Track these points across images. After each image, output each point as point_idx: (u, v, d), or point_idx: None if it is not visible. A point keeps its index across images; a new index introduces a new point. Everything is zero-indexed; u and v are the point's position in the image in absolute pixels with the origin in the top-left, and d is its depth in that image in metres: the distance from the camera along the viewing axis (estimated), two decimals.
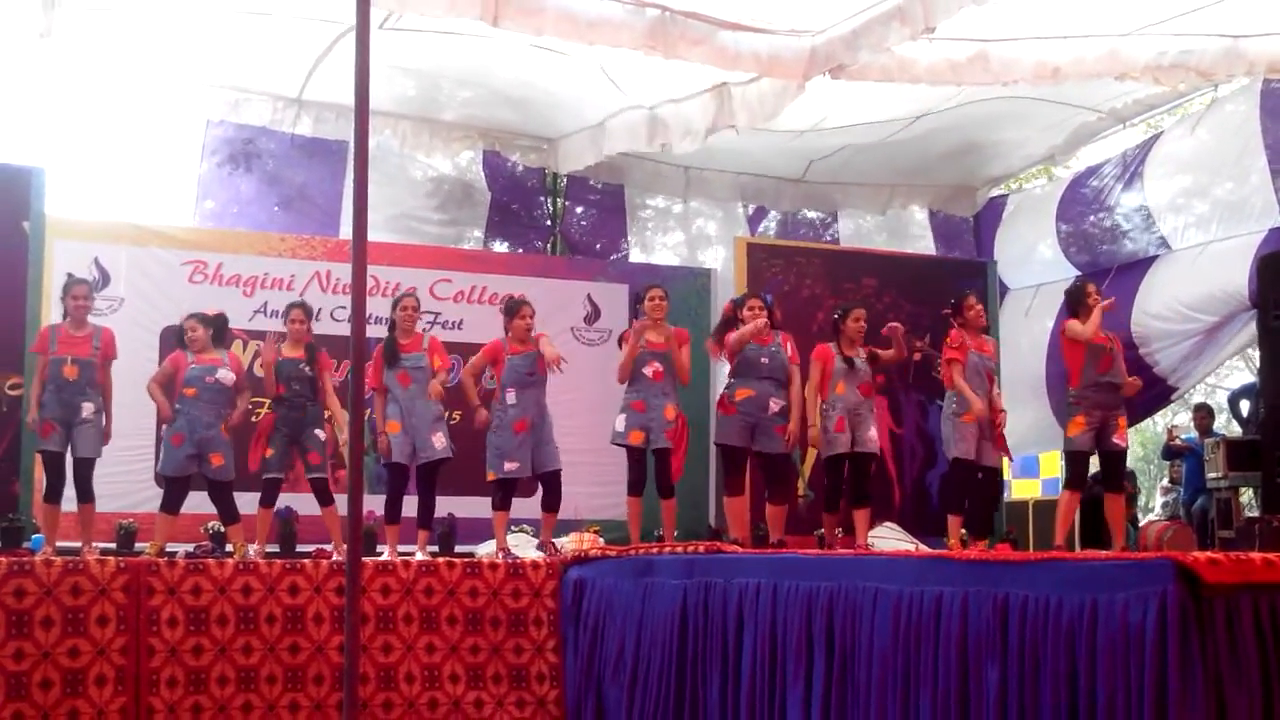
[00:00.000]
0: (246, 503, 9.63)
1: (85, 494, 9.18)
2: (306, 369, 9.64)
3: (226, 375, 9.42)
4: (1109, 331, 9.45)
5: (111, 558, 8.27)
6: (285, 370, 9.63)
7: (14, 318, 10.52)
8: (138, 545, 9.63)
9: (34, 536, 9.90)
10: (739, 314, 9.63)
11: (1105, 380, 9.19)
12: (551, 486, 9.73)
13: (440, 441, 9.68)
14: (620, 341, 10.07)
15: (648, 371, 9.69)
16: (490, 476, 9.69)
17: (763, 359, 9.51)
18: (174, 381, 9.47)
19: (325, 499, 9.66)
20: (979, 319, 9.67)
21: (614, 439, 9.83)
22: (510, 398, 9.65)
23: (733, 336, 9.47)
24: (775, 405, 9.42)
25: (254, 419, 10.19)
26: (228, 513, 9.44)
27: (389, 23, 9.49)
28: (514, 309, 9.86)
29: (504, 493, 9.67)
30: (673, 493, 9.67)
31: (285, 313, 9.95)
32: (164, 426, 9.59)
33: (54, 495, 9.15)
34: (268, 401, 9.86)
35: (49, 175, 11.19)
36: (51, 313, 11.15)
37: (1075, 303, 9.42)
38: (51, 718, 7.56)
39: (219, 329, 9.65)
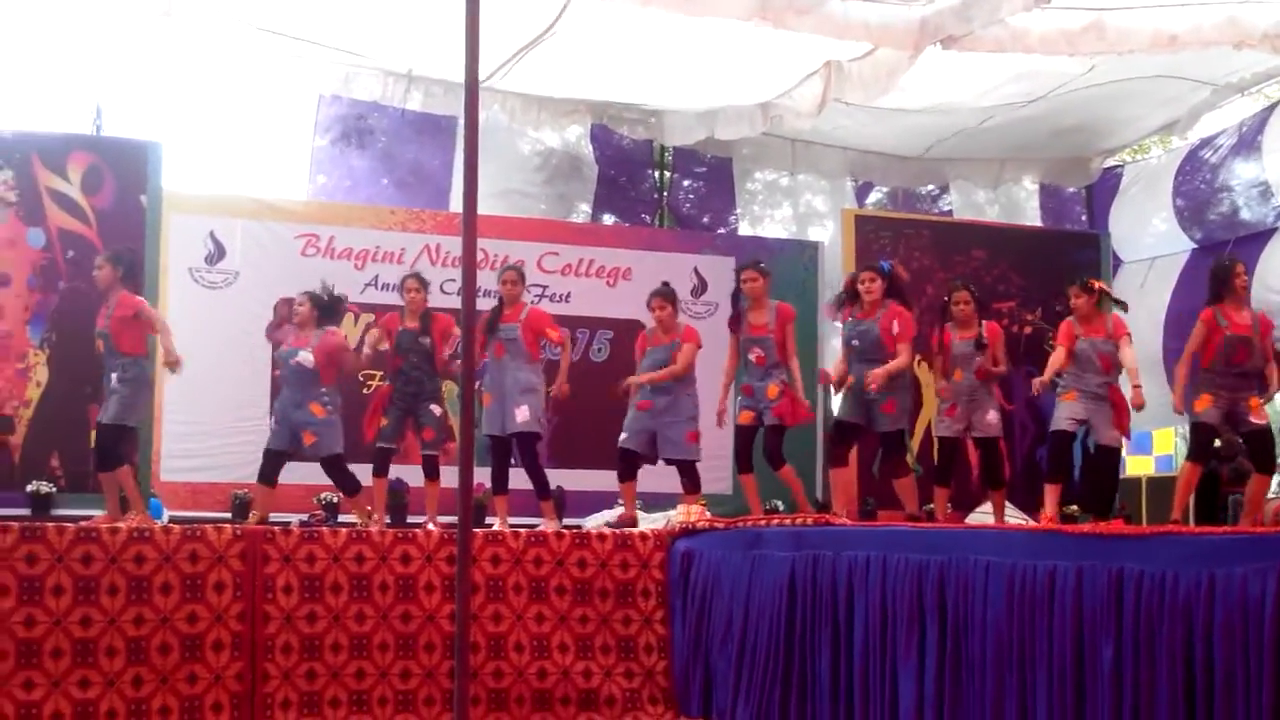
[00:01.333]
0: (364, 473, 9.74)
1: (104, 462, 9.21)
2: (425, 340, 9.67)
3: (306, 358, 9.40)
4: (1256, 312, 9.13)
5: (228, 525, 8.41)
6: (402, 342, 9.67)
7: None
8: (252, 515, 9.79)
9: (152, 501, 10.11)
10: (856, 286, 9.62)
11: (1238, 370, 8.88)
12: (683, 471, 9.78)
13: (522, 415, 9.62)
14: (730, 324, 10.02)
15: (751, 356, 9.71)
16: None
17: (854, 340, 9.55)
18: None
19: (432, 474, 9.70)
20: (1085, 307, 9.34)
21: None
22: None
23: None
24: (875, 386, 9.35)
25: (365, 390, 10.32)
26: (343, 485, 9.55)
27: None
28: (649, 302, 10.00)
29: (626, 464, 9.76)
30: (783, 461, 9.63)
31: (400, 284, 9.99)
32: None
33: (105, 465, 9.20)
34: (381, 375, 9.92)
35: (166, 150, 11.37)
36: (170, 286, 11.40)
37: (1220, 284, 9.04)
38: (170, 681, 7.72)
39: (326, 308, 9.66)
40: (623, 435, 9.76)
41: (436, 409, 9.71)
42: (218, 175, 14.05)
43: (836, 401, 10.37)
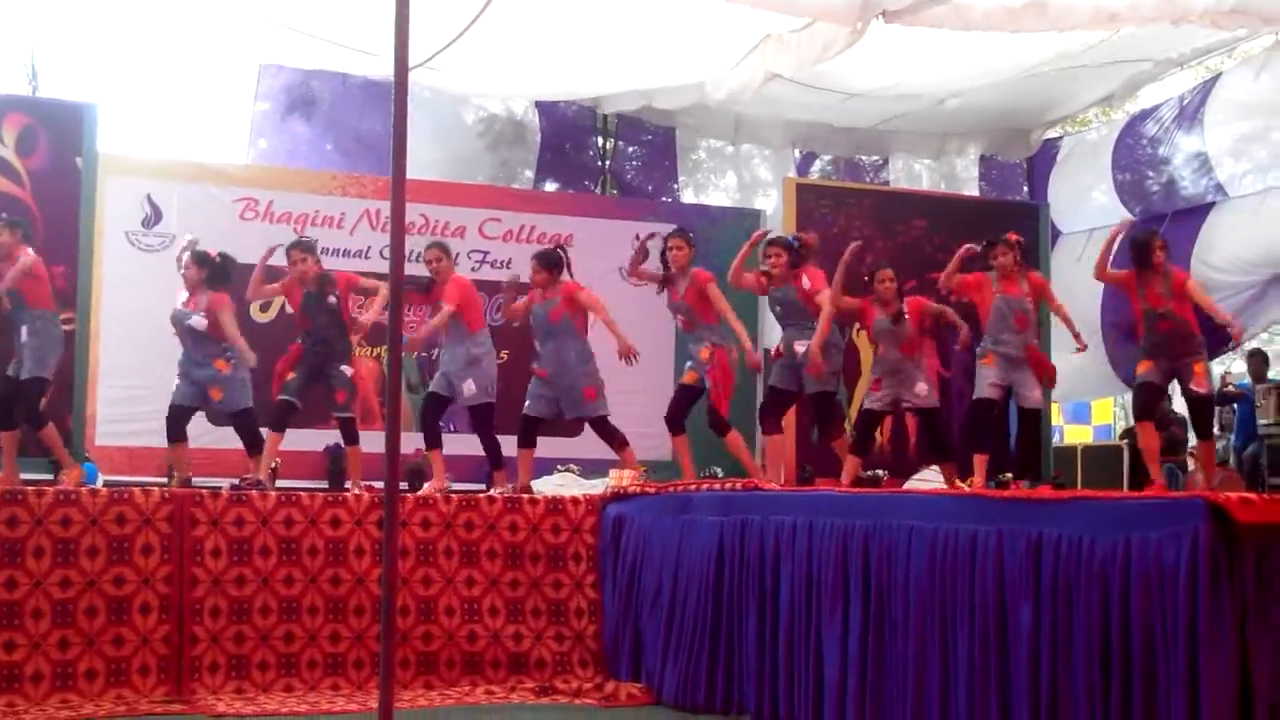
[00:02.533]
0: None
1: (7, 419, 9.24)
2: (331, 300, 9.56)
3: (198, 322, 9.33)
4: (1167, 282, 8.92)
5: (156, 488, 8.34)
6: (307, 305, 9.58)
7: (68, 254, 10.60)
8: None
9: (86, 464, 10.05)
10: (761, 254, 9.79)
11: (1165, 341, 8.83)
12: (601, 432, 9.79)
13: (469, 389, 9.60)
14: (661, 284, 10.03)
15: (677, 323, 9.82)
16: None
17: (776, 306, 9.74)
18: None
19: (351, 438, 9.66)
20: (1010, 265, 9.35)
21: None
22: (536, 344, 9.79)
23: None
24: (800, 346, 9.45)
25: None
26: (250, 441, 9.50)
27: None
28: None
29: (527, 432, 9.75)
30: (728, 428, 9.67)
31: (286, 254, 9.79)
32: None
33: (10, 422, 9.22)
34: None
35: (102, 112, 11.23)
36: (106, 249, 11.30)
37: (1140, 255, 8.96)
38: (97, 644, 7.66)
39: (217, 271, 9.56)
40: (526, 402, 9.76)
41: (347, 369, 9.64)
42: (156, 138, 13.94)
43: None
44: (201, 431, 10.19)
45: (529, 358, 10.03)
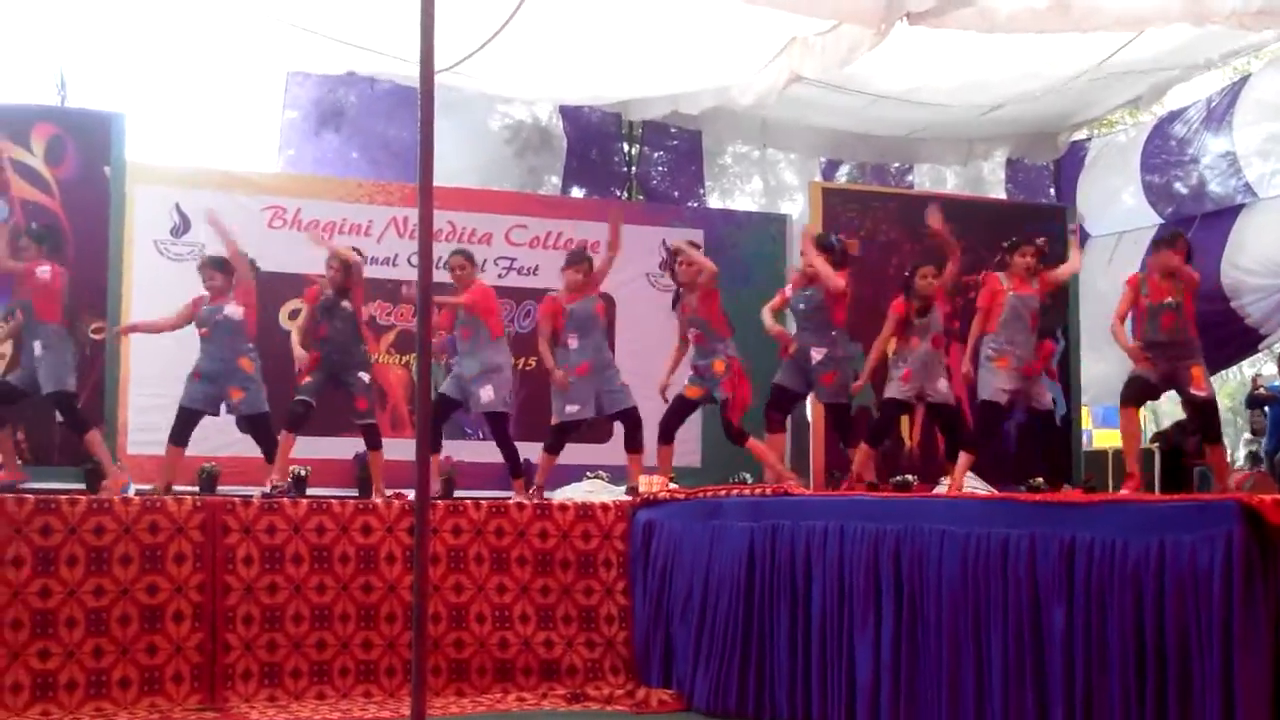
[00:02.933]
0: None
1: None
2: (345, 305, 9.57)
3: (235, 310, 9.45)
4: (1177, 281, 8.82)
5: (188, 497, 8.39)
6: (324, 309, 9.60)
7: (96, 262, 10.67)
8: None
9: None
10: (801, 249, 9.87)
11: (1165, 339, 8.72)
12: (630, 425, 9.85)
13: (486, 395, 9.65)
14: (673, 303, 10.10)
15: (690, 336, 9.83)
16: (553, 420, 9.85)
17: (800, 305, 9.76)
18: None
19: (374, 443, 9.68)
20: (1033, 265, 9.29)
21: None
22: (573, 343, 9.76)
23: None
24: (816, 355, 9.56)
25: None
26: (266, 447, 9.57)
27: None
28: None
29: (559, 437, 9.82)
30: (745, 435, 9.69)
31: (326, 262, 9.85)
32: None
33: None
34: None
35: (129, 121, 11.30)
36: (135, 258, 11.35)
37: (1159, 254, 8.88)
38: (130, 652, 7.70)
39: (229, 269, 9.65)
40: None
41: (365, 376, 9.67)
42: (184, 147, 14.03)
43: None
44: (226, 441, 10.21)
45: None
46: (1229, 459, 16.93)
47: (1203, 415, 9.04)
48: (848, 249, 9.93)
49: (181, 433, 9.51)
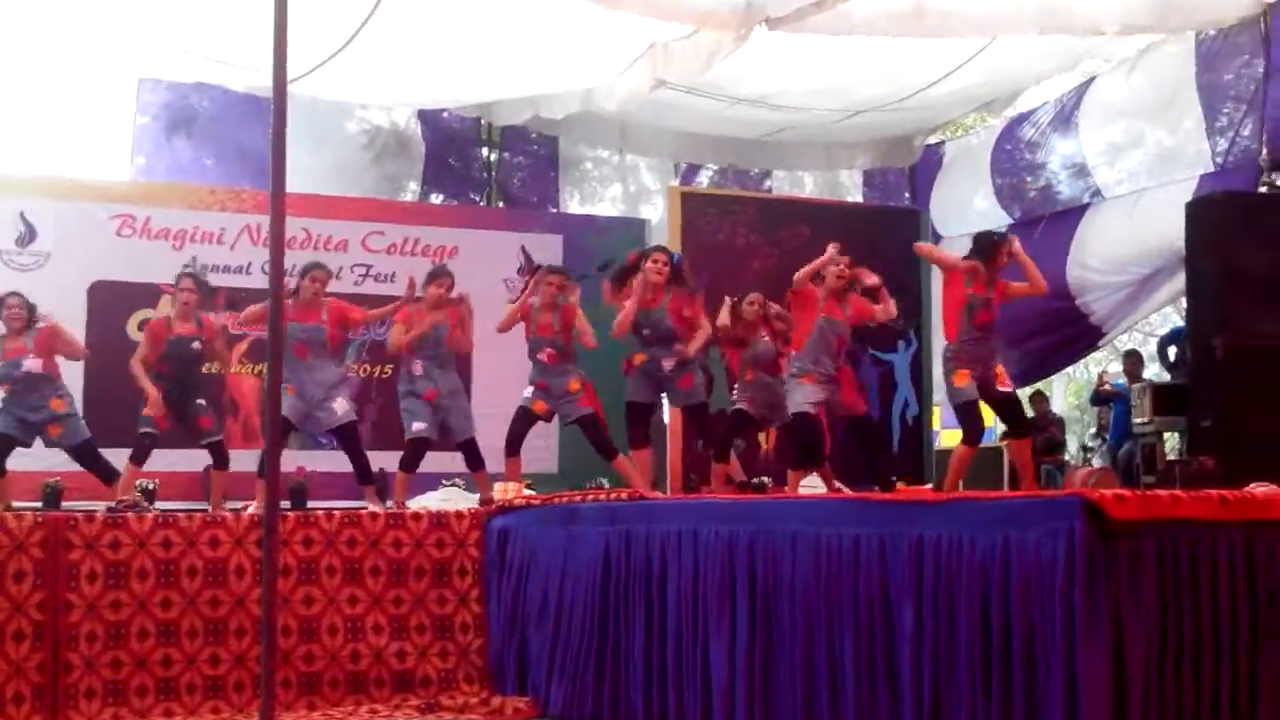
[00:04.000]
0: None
1: None
2: (194, 346, 9.60)
3: (34, 364, 9.38)
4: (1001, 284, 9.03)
5: (28, 513, 8.14)
6: (171, 351, 9.57)
7: None
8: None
9: None
10: (642, 264, 9.65)
11: (980, 336, 8.91)
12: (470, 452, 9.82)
13: (342, 407, 9.68)
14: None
15: (541, 356, 9.68)
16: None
17: (645, 330, 9.59)
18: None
19: (221, 462, 9.71)
20: (837, 282, 9.34)
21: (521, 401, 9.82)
22: (418, 369, 9.67)
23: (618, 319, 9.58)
24: (668, 364, 9.54)
25: None
26: (102, 473, 9.63)
27: None
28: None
29: (412, 454, 9.74)
30: (615, 450, 9.70)
31: (175, 283, 9.78)
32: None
33: None
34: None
35: None
36: None
37: (988, 252, 9.00)
38: None
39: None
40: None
41: (203, 400, 9.78)
42: (31, 155, 13.67)
43: None
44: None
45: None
46: (1079, 456, 17.35)
47: (1010, 409, 9.32)
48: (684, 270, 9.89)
49: None
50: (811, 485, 10.05)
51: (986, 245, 9.08)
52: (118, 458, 9.73)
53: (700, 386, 9.80)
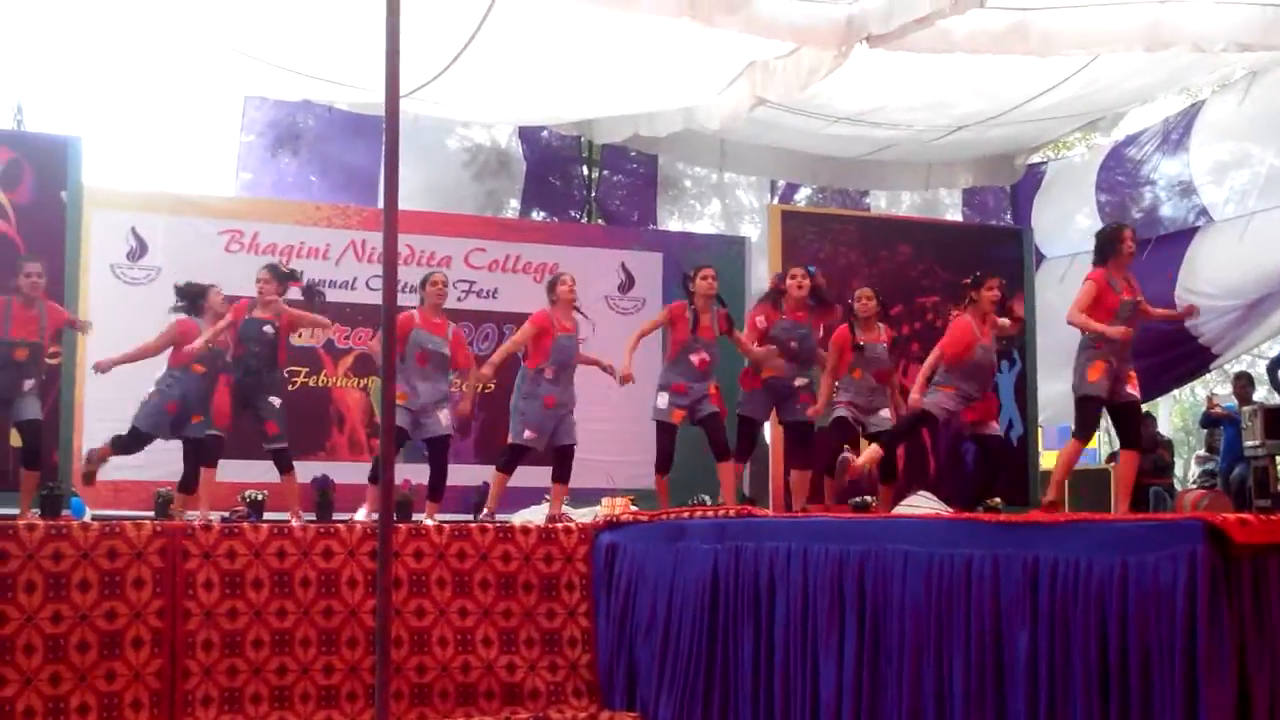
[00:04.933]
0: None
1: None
2: (268, 330, 9.62)
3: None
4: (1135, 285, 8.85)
5: (147, 521, 8.31)
6: (246, 331, 9.61)
7: (53, 287, 10.50)
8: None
9: (73, 500, 9.99)
10: (782, 285, 9.85)
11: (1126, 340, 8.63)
12: (564, 460, 9.89)
13: (446, 419, 9.80)
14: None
15: (694, 359, 9.77)
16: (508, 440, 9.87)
17: (792, 342, 9.79)
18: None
19: (286, 467, 9.71)
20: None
21: (655, 415, 9.89)
22: (549, 374, 9.73)
23: (758, 354, 9.80)
24: (800, 381, 9.78)
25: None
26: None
27: None
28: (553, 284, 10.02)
29: (512, 458, 9.81)
30: (729, 454, 9.79)
31: (424, 281, 9.97)
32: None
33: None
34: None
35: (86, 145, 11.25)
36: (91, 282, 11.28)
37: (1110, 246, 8.73)
38: (89, 679, 7.62)
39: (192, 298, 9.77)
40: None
41: (276, 400, 9.70)
42: (141, 172, 13.96)
43: None
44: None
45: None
46: (1184, 478, 17.13)
47: (1127, 417, 8.94)
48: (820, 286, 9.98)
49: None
50: (914, 505, 10.05)
51: (1106, 241, 8.82)
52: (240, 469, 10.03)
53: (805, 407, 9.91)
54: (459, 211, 13.27)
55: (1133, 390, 8.78)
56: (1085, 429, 8.90)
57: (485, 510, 9.71)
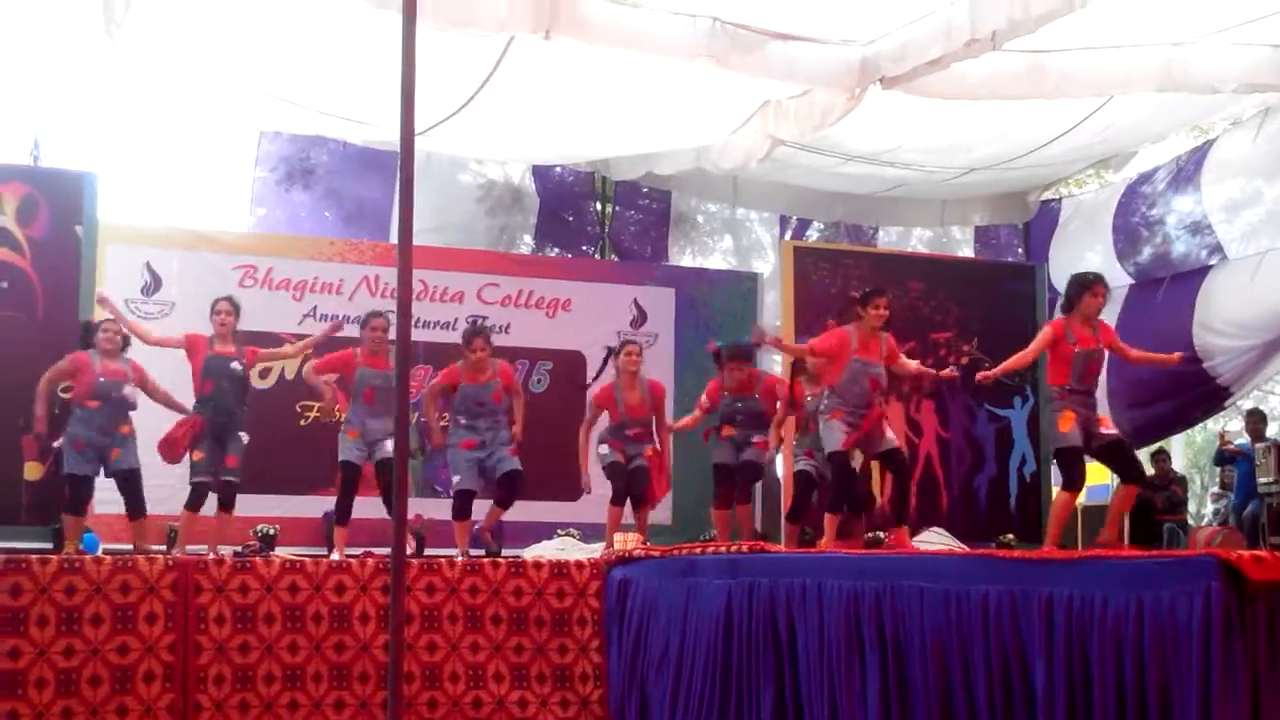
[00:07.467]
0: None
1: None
2: (236, 366, 9.72)
3: (131, 392, 9.72)
4: (1103, 331, 8.59)
5: (160, 556, 8.33)
6: (212, 367, 9.67)
7: (66, 321, 10.61)
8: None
9: (86, 535, 9.98)
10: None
11: (1087, 387, 8.40)
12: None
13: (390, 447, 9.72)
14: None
15: (630, 433, 10.17)
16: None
17: (738, 415, 9.99)
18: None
19: (229, 503, 9.73)
20: (876, 320, 9.20)
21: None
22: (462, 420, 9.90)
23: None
24: (758, 437, 9.95)
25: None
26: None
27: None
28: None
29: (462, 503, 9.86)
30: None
31: (211, 307, 9.88)
32: None
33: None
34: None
35: (101, 180, 11.30)
36: (105, 317, 11.29)
37: (1073, 296, 8.41)
38: (100, 714, 7.63)
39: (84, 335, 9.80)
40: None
41: (245, 436, 9.77)
42: (155, 207, 13.99)
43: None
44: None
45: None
46: (1197, 515, 17.05)
47: (1117, 454, 8.59)
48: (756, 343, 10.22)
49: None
50: (927, 541, 10.01)
51: (1075, 290, 8.46)
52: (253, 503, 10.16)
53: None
54: (472, 247, 13.29)
55: (1108, 430, 8.55)
56: (1072, 479, 8.57)
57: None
